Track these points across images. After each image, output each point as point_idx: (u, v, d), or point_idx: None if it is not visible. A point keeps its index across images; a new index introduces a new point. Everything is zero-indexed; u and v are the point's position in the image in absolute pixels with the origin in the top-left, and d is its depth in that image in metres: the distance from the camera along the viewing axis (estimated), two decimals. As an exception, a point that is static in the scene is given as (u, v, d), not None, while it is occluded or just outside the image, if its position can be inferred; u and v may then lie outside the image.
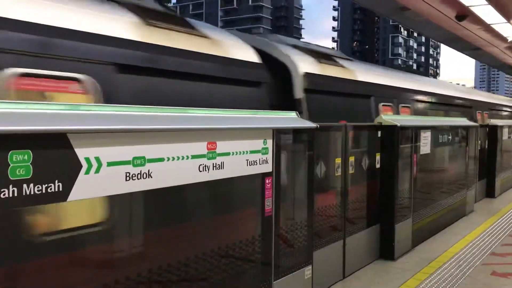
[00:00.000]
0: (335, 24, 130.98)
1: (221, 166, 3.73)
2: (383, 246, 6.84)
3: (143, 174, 3.10)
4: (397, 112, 8.20)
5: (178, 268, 3.54)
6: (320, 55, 6.86)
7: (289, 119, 4.71)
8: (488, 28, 9.69)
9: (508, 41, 9.95)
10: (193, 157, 3.50)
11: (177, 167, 3.35)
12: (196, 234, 3.75)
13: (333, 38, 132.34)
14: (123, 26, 3.82)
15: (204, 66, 4.42)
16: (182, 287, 3.61)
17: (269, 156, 4.25)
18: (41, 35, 3.12)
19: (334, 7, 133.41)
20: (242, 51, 5.14)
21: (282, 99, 5.60)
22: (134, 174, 3.04)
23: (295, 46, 6.62)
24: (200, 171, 3.55)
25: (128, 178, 3.01)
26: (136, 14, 4.06)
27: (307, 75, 5.87)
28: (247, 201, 4.31)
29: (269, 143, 4.25)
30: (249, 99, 4.93)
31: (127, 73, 3.69)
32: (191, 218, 3.79)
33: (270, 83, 5.36)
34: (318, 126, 4.93)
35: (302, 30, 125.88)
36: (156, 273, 3.37)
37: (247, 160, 4.01)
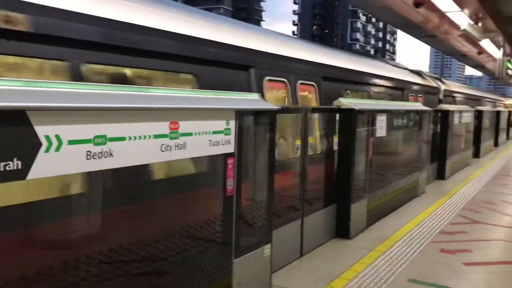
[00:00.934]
0: (296, 7, 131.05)
1: (183, 146, 3.72)
2: (339, 225, 7.04)
3: (104, 153, 3.06)
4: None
5: (138, 248, 3.54)
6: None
7: (251, 100, 4.74)
8: (443, 15, 9.97)
9: (461, 29, 10.27)
10: (155, 136, 3.47)
11: (139, 146, 3.32)
12: (157, 214, 3.75)
13: (293, 21, 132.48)
14: None
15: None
16: (143, 267, 3.62)
17: (232, 137, 4.27)
18: None
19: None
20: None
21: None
22: (95, 153, 3.00)
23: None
24: (163, 151, 3.54)
25: (89, 157, 2.96)
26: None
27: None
28: (209, 181, 4.34)
29: (232, 124, 4.27)
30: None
31: None
32: (152, 198, 3.78)
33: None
34: (279, 108, 4.98)
35: (263, 13, 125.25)
36: (117, 252, 3.36)
37: (210, 140, 4.02)
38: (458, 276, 5.66)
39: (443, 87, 15.95)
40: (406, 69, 12.92)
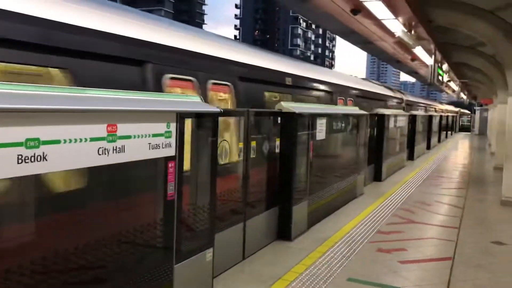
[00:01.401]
0: (237, 11, 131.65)
1: (122, 150, 3.63)
2: (281, 227, 7.12)
3: (37, 156, 2.93)
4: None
5: (75, 255, 3.40)
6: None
7: (193, 103, 4.69)
8: (379, 23, 10.36)
9: (396, 36, 10.72)
10: (92, 139, 3.36)
11: (74, 149, 3.20)
12: (95, 220, 3.63)
13: (235, 26, 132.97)
14: None
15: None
16: (80, 275, 3.48)
17: (173, 140, 4.21)
18: None
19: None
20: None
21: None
22: (27, 156, 2.86)
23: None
24: (100, 154, 3.43)
25: (20, 161, 2.82)
26: None
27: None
28: (149, 185, 4.25)
29: (173, 126, 4.21)
30: None
31: None
32: (90, 203, 3.66)
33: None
34: (222, 110, 4.97)
35: (205, 16, 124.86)
36: (50, 260, 3.21)
37: (150, 143, 3.94)
38: (394, 274, 5.87)
39: (404, 97, 20.22)
40: (379, 84, 14.57)
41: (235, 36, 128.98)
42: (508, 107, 10.83)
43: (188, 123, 4.56)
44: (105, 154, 3.48)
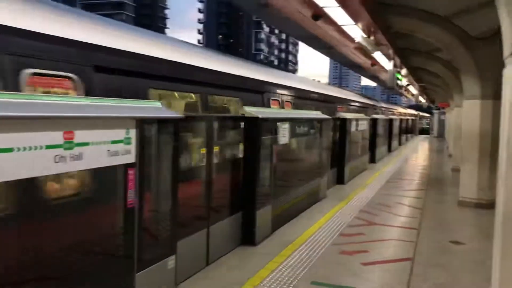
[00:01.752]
0: (201, 16, 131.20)
1: (79, 157, 3.54)
2: (245, 232, 7.12)
3: (-12, 166, 2.82)
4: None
5: (31, 267, 3.30)
6: None
7: (153, 108, 4.64)
8: (339, 29, 10.53)
9: (356, 42, 10.92)
10: (48, 147, 3.27)
11: (29, 158, 3.11)
12: (52, 230, 3.52)
13: (198, 30, 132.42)
14: None
15: None
16: (37, 286, 3.37)
17: (132, 147, 4.15)
18: None
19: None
20: None
21: None
22: (-22, 166, 2.75)
23: None
24: (56, 162, 3.34)
25: (-30, 171, 2.71)
26: None
27: None
28: (108, 193, 4.16)
29: (132, 133, 4.15)
30: None
31: None
32: (46, 213, 3.55)
33: None
34: (183, 116, 4.93)
35: (168, 20, 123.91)
36: (7, 271, 3.10)
37: (109, 150, 3.87)
38: (356, 276, 5.96)
39: (377, 104, 23.07)
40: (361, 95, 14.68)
41: (199, 41, 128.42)
42: (464, 111, 11.20)
43: (148, 129, 4.50)
44: (62, 162, 3.39)
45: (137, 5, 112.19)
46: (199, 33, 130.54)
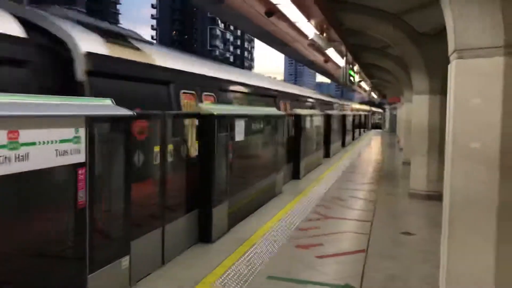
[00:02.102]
0: (154, 11, 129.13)
1: (25, 158, 3.41)
2: (201, 230, 7.07)
3: None
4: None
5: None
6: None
7: (103, 106, 4.53)
8: (293, 25, 10.61)
9: (309, 38, 11.04)
10: (-9, 148, 3.13)
11: (-30, 159, 2.96)
12: (-3, 233, 3.38)
13: (152, 26, 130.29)
14: None
15: None
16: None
17: (82, 146, 4.03)
18: None
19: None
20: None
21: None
22: None
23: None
24: (0, 163, 3.20)
25: None
26: None
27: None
28: (57, 194, 4.03)
29: (82, 131, 4.03)
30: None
31: None
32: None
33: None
34: (135, 114, 4.84)
35: (120, 16, 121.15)
36: None
37: (57, 150, 3.75)
38: (312, 269, 6.05)
39: (331, 100, 25.33)
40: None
41: (152, 37, 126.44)
42: (413, 106, 11.56)
43: (99, 127, 4.39)
44: (6, 163, 3.25)
45: (89, 0, 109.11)
46: (153, 29, 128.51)
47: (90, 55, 4.90)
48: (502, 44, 3.61)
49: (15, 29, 4.24)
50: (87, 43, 5.00)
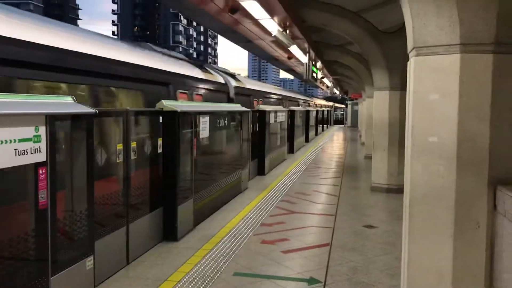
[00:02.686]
0: (115, 7, 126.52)
1: (-18, 157, 3.29)
2: (166, 228, 7.01)
3: None
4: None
5: None
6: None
7: (64, 104, 4.41)
8: (256, 22, 10.63)
9: (272, 35, 11.09)
10: None
11: None
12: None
13: (113, 21, 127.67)
14: None
15: None
16: None
17: (42, 145, 3.92)
18: None
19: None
20: None
21: None
22: None
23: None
24: (-45, 164, 3.07)
25: None
26: None
27: None
28: (17, 194, 3.91)
29: (42, 130, 3.92)
30: None
31: None
32: None
33: None
34: (97, 111, 4.74)
35: (80, 11, 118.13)
36: None
37: (16, 149, 3.63)
38: (278, 264, 6.10)
39: (303, 97, 25.70)
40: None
41: (113, 32, 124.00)
42: (374, 101, 11.80)
43: (60, 125, 4.27)
44: (-39, 163, 3.13)
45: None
46: (114, 24, 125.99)
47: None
48: (458, 42, 3.73)
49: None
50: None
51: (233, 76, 13.82)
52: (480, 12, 3.65)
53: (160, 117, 6.96)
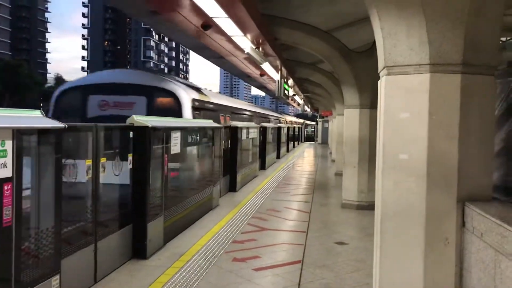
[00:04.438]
0: (85, 21, 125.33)
1: None
2: (136, 245, 6.87)
3: None
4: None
5: None
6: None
7: (32, 118, 4.31)
8: (229, 39, 10.68)
9: (245, 52, 11.17)
10: None
11: None
12: None
13: (83, 35, 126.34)
14: None
15: None
16: None
17: (9, 160, 3.80)
18: None
19: (83, 3, 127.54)
20: None
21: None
22: None
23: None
24: None
25: None
26: None
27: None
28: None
29: (8, 144, 3.80)
30: None
31: None
32: None
33: None
34: (66, 126, 4.65)
35: (49, 24, 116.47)
36: None
37: (-20, 164, 3.50)
38: (249, 281, 6.04)
39: (274, 114, 28.46)
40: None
41: (83, 46, 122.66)
42: (345, 119, 11.97)
43: (27, 140, 4.16)
44: None
45: (13, 6, 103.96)
46: (84, 38, 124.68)
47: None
48: (428, 62, 3.83)
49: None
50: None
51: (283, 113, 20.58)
52: (448, 33, 3.77)
53: (131, 133, 6.87)
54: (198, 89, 13.49)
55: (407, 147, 4.00)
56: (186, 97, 11.19)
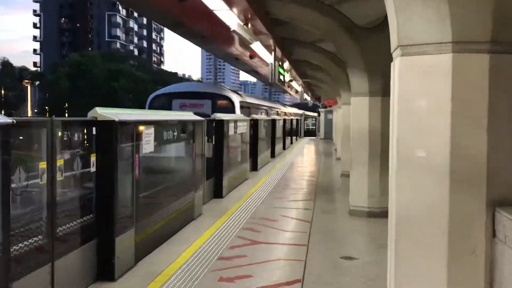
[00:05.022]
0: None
1: None
2: (101, 264, 6.84)
3: None
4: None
5: None
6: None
7: (-28, 112, 4.28)
8: (210, 14, 10.67)
9: (231, 30, 11.14)
10: None
11: None
12: None
13: (34, 11, 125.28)
14: None
15: None
16: None
17: None
18: None
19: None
20: None
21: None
22: None
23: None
24: None
25: None
26: None
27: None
28: None
29: None
30: None
31: None
32: None
33: None
34: (14, 121, 4.62)
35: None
36: None
37: None
38: (239, 305, 6.06)
39: (268, 104, 31.85)
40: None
41: (35, 24, 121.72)
42: (352, 109, 11.99)
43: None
44: None
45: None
46: (36, 14, 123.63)
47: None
48: (450, 40, 3.84)
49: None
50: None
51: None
52: (474, 6, 3.77)
53: (94, 128, 6.83)
54: (239, 93, 22.75)
55: (427, 141, 4.01)
56: (237, 100, 20.20)
